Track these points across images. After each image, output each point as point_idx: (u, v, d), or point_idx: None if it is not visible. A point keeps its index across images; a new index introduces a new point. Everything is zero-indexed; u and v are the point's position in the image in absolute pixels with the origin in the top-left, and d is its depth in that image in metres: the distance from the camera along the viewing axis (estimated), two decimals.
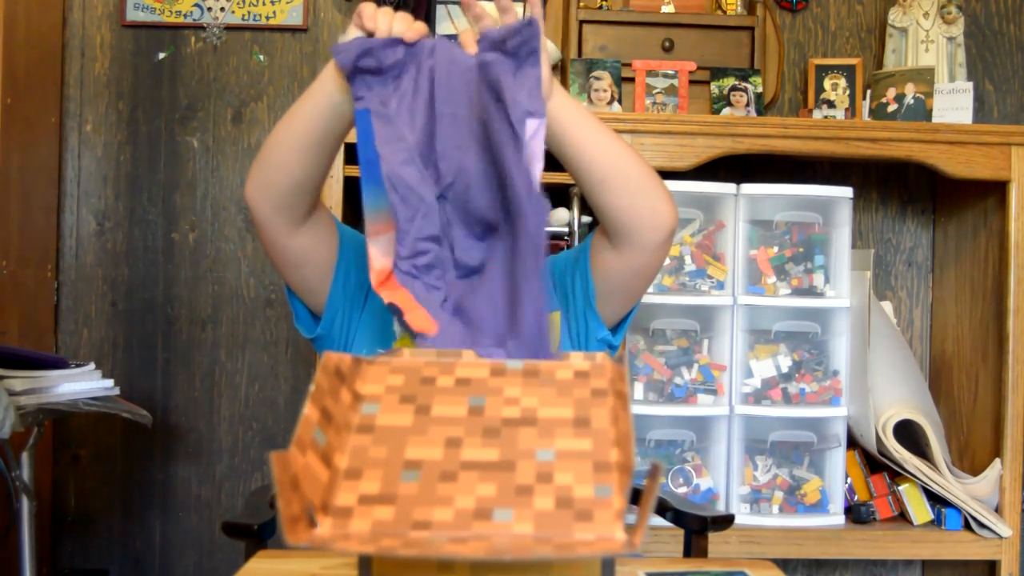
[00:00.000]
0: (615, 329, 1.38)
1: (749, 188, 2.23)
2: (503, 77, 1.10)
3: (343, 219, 2.09)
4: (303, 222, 1.30)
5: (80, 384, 1.93)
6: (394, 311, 1.12)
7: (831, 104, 2.43)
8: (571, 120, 1.19)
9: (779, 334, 2.26)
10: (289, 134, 1.24)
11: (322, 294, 1.38)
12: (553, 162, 1.28)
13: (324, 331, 1.41)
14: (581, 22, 2.40)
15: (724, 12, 2.48)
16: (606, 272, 1.31)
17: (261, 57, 2.55)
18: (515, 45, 1.11)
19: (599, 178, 1.21)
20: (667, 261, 2.25)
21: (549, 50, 2.42)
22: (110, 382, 1.98)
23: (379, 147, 1.16)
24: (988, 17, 2.63)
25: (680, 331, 2.27)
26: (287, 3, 2.53)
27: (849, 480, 2.31)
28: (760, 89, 2.36)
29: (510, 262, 1.10)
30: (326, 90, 1.20)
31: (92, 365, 1.98)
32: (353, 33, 1.16)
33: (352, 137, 1.20)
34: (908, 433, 2.26)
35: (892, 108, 2.35)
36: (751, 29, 2.42)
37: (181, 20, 2.52)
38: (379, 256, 1.15)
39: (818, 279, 2.27)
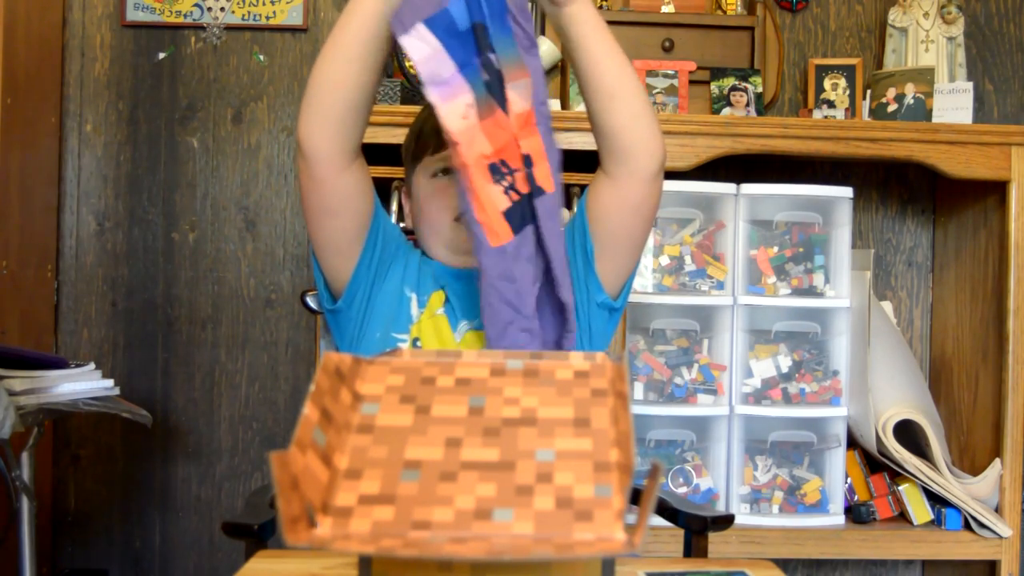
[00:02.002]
0: (616, 297, 1.39)
1: (749, 188, 2.23)
2: None
3: None
4: (354, 157, 1.31)
5: (80, 384, 1.93)
6: (526, 162, 1.19)
7: (831, 104, 2.43)
8: (592, 31, 1.27)
9: (779, 334, 2.26)
10: (340, 51, 1.26)
11: (350, 258, 1.38)
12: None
13: (344, 305, 1.41)
14: None
15: (724, 12, 2.48)
16: (604, 213, 1.34)
17: (261, 57, 2.55)
18: None
19: (607, 93, 1.26)
20: (667, 261, 2.25)
21: (549, 51, 2.42)
22: (110, 382, 1.98)
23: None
24: (988, 17, 2.63)
25: (680, 331, 2.27)
26: (287, 3, 2.53)
27: (849, 480, 2.31)
28: (760, 89, 2.36)
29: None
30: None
31: (92, 365, 1.98)
32: None
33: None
34: (908, 433, 2.26)
35: (892, 108, 2.35)
36: (751, 29, 2.42)
37: (181, 20, 2.52)
38: (519, 99, 1.19)
39: (818, 279, 2.27)
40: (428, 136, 1.42)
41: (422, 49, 1.23)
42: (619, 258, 1.38)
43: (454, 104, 1.22)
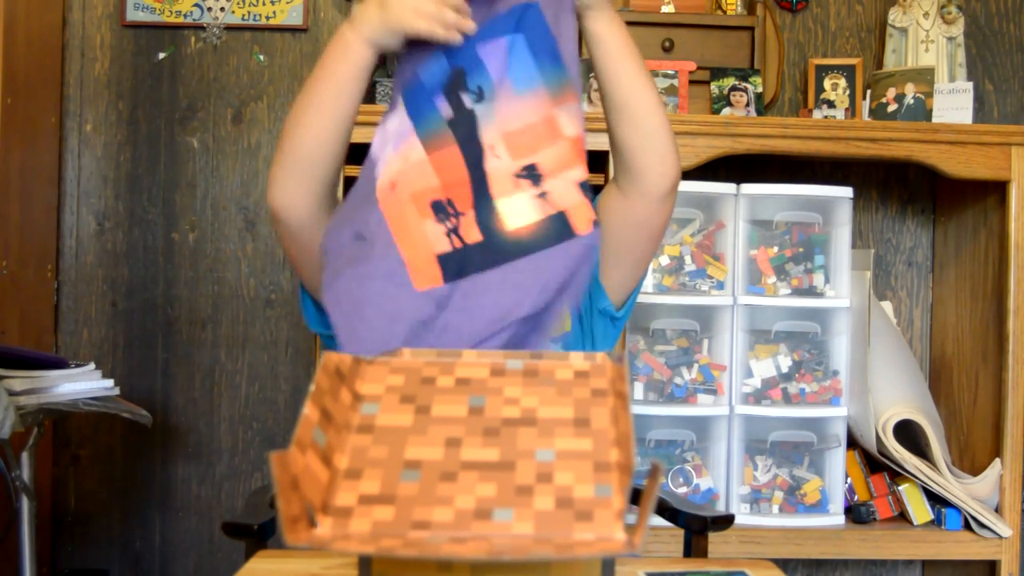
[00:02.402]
0: (620, 307, 1.38)
1: (749, 188, 2.23)
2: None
3: None
4: (334, 203, 1.28)
5: (80, 384, 1.93)
6: (584, 188, 1.18)
7: (831, 104, 2.43)
8: (614, 48, 1.25)
9: (779, 334, 2.26)
10: (323, 109, 1.22)
11: None
12: None
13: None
14: None
15: (724, 12, 2.48)
16: (611, 224, 1.32)
17: (261, 57, 2.55)
18: None
19: (622, 109, 1.26)
20: (667, 261, 2.25)
21: None
22: (110, 382, 1.98)
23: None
24: (988, 17, 2.63)
25: (680, 331, 2.27)
26: (287, 3, 2.53)
27: (849, 480, 2.31)
28: (760, 89, 2.36)
29: None
30: (357, 53, 1.20)
31: (92, 365, 1.98)
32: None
33: (352, 137, 1.22)
34: (908, 433, 2.26)
35: (892, 108, 2.35)
36: (751, 29, 2.42)
37: (181, 20, 2.52)
38: (568, 123, 1.19)
39: (818, 279, 2.27)
40: None
41: (399, 122, 1.23)
42: (622, 269, 1.37)
43: (399, 151, 1.21)
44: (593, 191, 1.22)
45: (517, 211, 1.18)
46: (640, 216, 1.32)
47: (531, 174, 1.19)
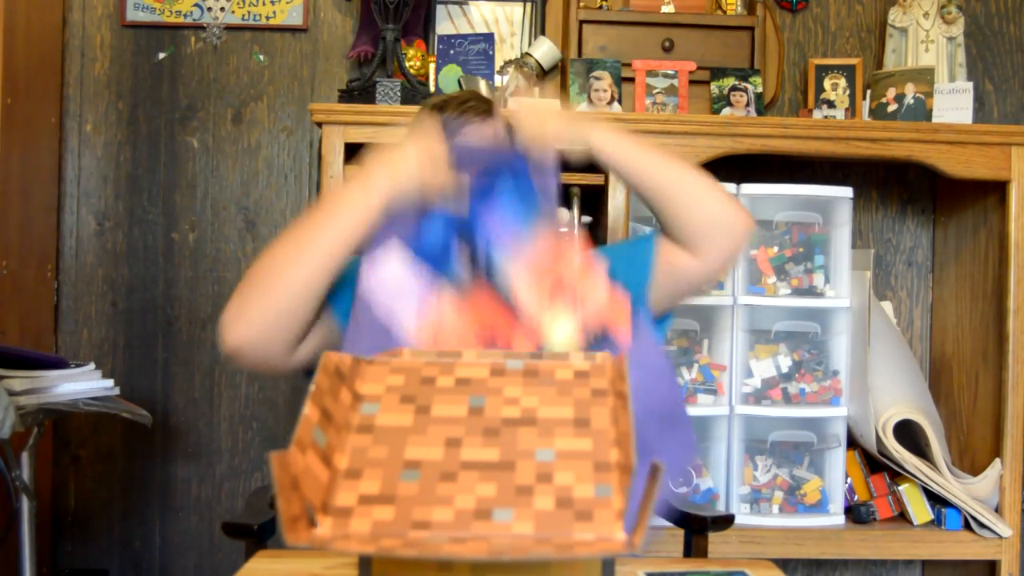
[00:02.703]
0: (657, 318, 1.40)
1: (749, 188, 2.23)
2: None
3: None
4: (297, 342, 1.23)
5: (80, 384, 1.93)
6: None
7: (831, 104, 2.43)
8: (616, 149, 1.27)
9: (779, 334, 2.26)
10: (315, 264, 1.16)
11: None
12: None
13: None
14: (581, 22, 2.40)
15: (724, 12, 2.48)
16: (672, 269, 1.33)
17: (261, 57, 2.55)
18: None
19: (665, 198, 1.28)
20: None
21: (549, 51, 2.42)
22: (110, 382, 1.98)
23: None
24: (988, 17, 2.63)
25: (680, 331, 2.27)
26: (287, 3, 2.53)
27: (849, 480, 2.31)
28: (760, 89, 2.36)
29: None
30: (366, 212, 1.18)
31: (92, 365, 1.98)
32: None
33: (352, 137, 1.23)
34: (908, 433, 2.26)
35: (892, 108, 2.35)
36: (751, 29, 2.42)
37: (181, 20, 2.52)
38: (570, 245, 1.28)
39: (818, 279, 2.27)
40: None
41: (408, 278, 1.25)
42: (661, 304, 1.38)
43: (431, 308, 1.23)
44: (590, 193, 1.25)
45: (560, 329, 1.23)
46: (705, 271, 1.33)
47: (561, 291, 1.24)
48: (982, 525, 2.20)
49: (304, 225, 1.18)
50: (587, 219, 2.26)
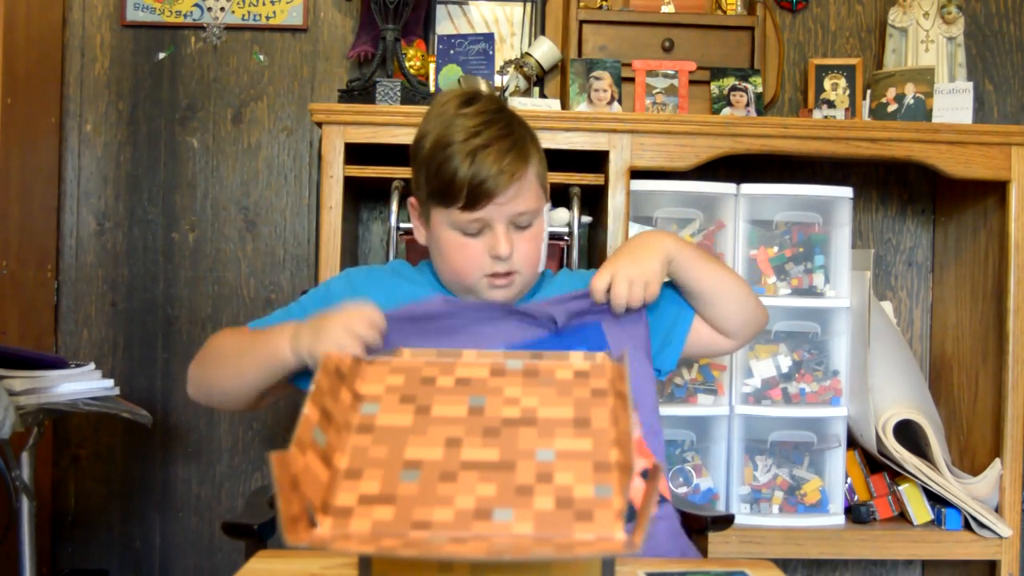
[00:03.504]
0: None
1: (749, 188, 2.23)
2: None
3: (343, 214, 2.09)
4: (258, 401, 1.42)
5: (80, 384, 1.93)
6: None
7: (831, 104, 2.43)
8: (692, 264, 1.49)
9: (779, 334, 2.26)
10: (239, 382, 1.36)
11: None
12: (553, 162, 1.29)
13: None
14: (581, 22, 2.40)
15: (724, 12, 2.48)
16: (699, 341, 1.57)
17: (261, 57, 2.55)
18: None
19: (712, 297, 1.52)
20: None
21: (549, 51, 2.42)
22: (110, 382, 1.98)
23: None
24: (988, 17, 2.63)
25: None
26: (287, 3, 2.53)
27: (849, 480, 2.31)
28: (760, 89, 2.36)
29: None
30: (284, 360, 1.31)
31: (92, 365, 1.98)
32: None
33: (352, 137, 1.22)
34: (908, 433, 2.26)
35: (892, 108, 2.35)
36: (751, 29, 2.42)
37: (181, 20, 2.52)
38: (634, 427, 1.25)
39: (818, 279, 2.27)
40: (459, 191, 1.38)
41: None
42: (676, 359, 1.58)
43: None
44: (590, 193, 1.24)
45: None
46: (727, 348, 1.59)
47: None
48: (982, 525, 2.20)
49: (238, 349, 1.38)
50: (587, 219, 2.25)
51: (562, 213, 2.19)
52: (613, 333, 1.42)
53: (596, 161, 2.21)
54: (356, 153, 2.12)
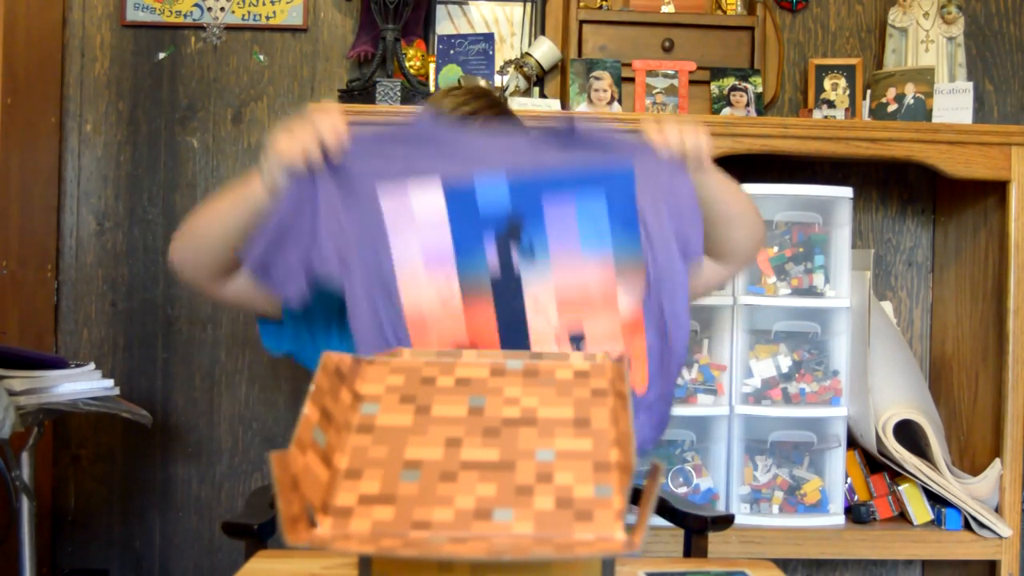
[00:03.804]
0: None
1: (749, 188, 2.22)
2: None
3: None
4: (227, 276, 1.35)
5: (80, 384, 1.93)
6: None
7: (831, 104, 2.43)
8: (718, 185, 1.36)
9: (779, 334, 2.26)
10: (216, 228, 1.32)
11: (277, 314, 1.41)
12: None
13: (293, 348, 1.42)
14: (581, 22, 2.40)
15: (724, 12, 2.48)
16: (695, 282, 1.43)
17: (261, 57, 2.55)
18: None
19: (727, 218, 1.38)
20: None
21: (549, 51, 2.42)
22: (110, 382, 1.98)
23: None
24: (988, 17, 2.63)
25: None
26: (287, 3, 2.53)
27: (849, 480, 2.31)
28: (760, 89, 2.36)
29: None
30: (255, 194, 1.26)
31: (92, 365, 1.98)
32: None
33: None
34: (908, 433, 2.26)
35: (892, 108, 2.35)
36: (751, 29, 2.42)
37: (181, 20, 2.52)
38: (627, 303, 1.18)
39: (818, 279, 2.27)
40: None
41: (428, 211, 1.19)
42: None
43: (434, 277, 1.19)
44: None
45: None
46: (725, 276, 1.45)
47: (575, 340, 1.20)
48: (982, 525, 2.20)
49: (220, 195, 1.34)
50: None
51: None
52: (646, 186, 1.23)
53: None
54: None
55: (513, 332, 1.20)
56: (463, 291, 1.19)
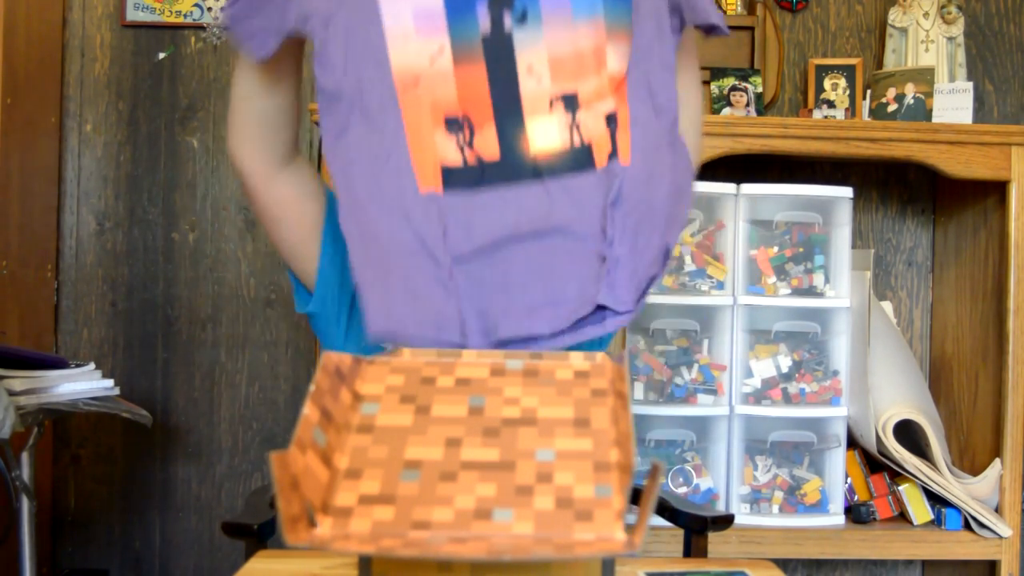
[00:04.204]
0: None
1: (749, 188, 2.23)
2: None
3: None
4: (282, 165, 1.30)
5: (80, 384, 1.93)
6: (610, 121, 1.17)
7: (831, 104, 2.43)
8: (692, 53, 1.30)
9: (779, 334, 2.26)
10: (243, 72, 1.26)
11: (308, 260, 1.38)
12: None
13: (317, 308, 1.40)
14: None
15: (724, 12, 2.48)
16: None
17: None
18: None
19: (683, 102, 1.27)
20: None
21: None
22: (110, 382, 1.99)
23: None
24: (988, 17, 2.63)
25: (680, 331, 2.27)
26: None
27: (849, 480, 2.31)
28: (760, 89, 2.36)
29: None
30: None
31: (92, 365, 1.98)
32: None
33: None
34: (908, 433, 2.26)
35: (892, 108, 2.35)
36: (751, 29, 2.42)
37: (181, 20, 2.52)
38: (615, 62, 1.17)
39: (818, 279, 2.27)
40: None
41: None
42: None
43: (426, 43, 1.15)
44: None
45: (546, 134, 1.17)
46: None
47: (568, 101, 1.18)
48: (982, 525, 2.20)
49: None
50: None
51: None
52: None
53: None
54: None
55: (505, 94, 1.17)
56: (454, 53, 1.16)
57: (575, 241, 1.16)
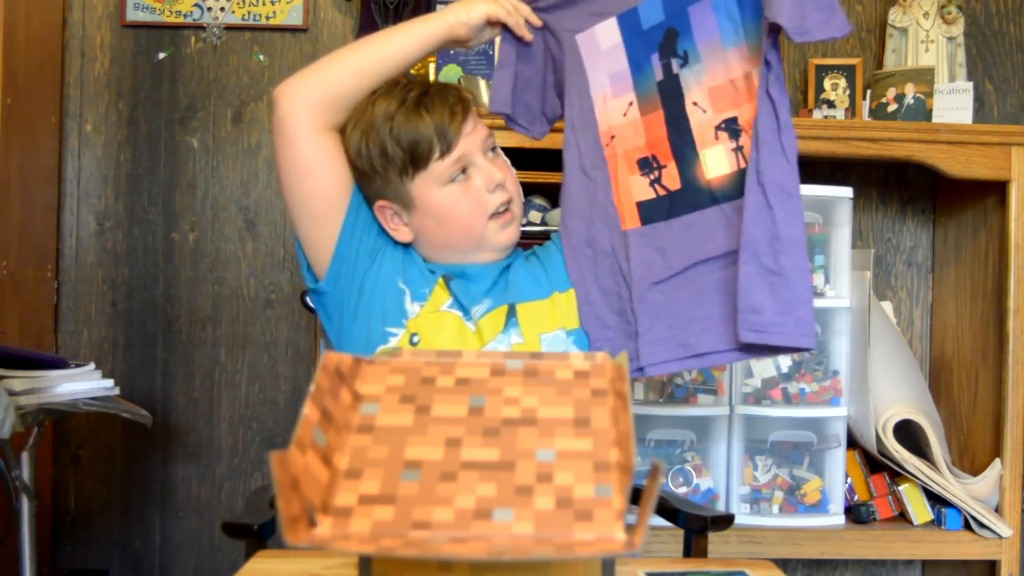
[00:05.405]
0: None
1: None
2: None
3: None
4: (333, 129, 1.38)
5: (80, 384, 1.93)
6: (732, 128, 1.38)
7: (831, 104, 2.43)
8: None
9: None
10: (371, 56, 1.38)
11: (329, 225, 1.39)
12: (547, 162, 1.28)
13: (328, 286, 1.40)
14: None
15: None
16: None
17: (261, 57, 2.55)
18: None
19: None
20: None
21: None
22: (110, 382, 1.98)
23: None
24: (988, 17, 2.63)
25: None
26: (287, 3, 2.53)
27: (849, 480, 2.31)
28: None
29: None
30: (432, 26, 1.41)
31: (92, 365, 1.98)
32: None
33: None
34: (908, 433, 2.26)
35: (892, 108, 2.35)
36: None
37: (181, 20, 2.52)
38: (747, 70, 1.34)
39: (818, 279, 2.27)
40: (428, 142, 1.37)
41: (609, 39, 1.41)
42: None
43: (619, 101, 1.42)
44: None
45: (715, 162, 1.37)
46: None
47: (730, 127, 1.37)
48: (982, 525, 2.20)
49: (373, 37, 1.42)
50: None
51: (557, 213, 2.19)
52: None
53: None
54: None
55: (677, 129, 1.39)
56: (640, 105, 1.41)
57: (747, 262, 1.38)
